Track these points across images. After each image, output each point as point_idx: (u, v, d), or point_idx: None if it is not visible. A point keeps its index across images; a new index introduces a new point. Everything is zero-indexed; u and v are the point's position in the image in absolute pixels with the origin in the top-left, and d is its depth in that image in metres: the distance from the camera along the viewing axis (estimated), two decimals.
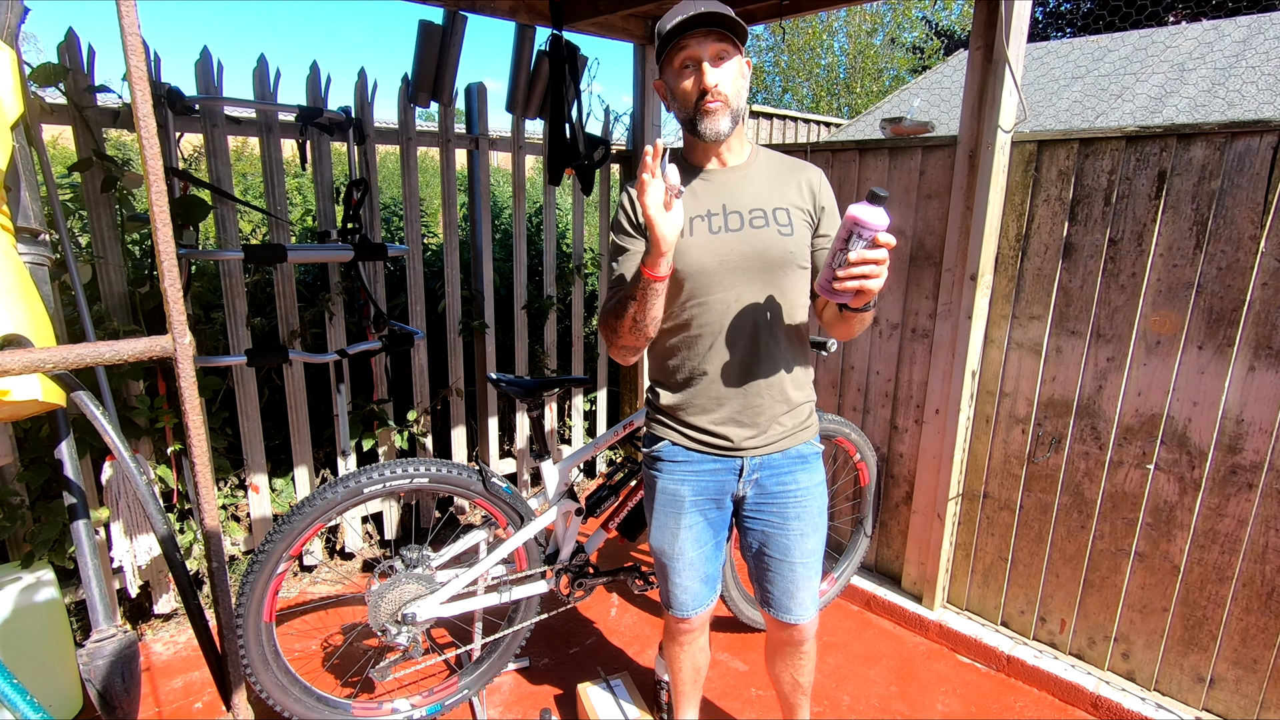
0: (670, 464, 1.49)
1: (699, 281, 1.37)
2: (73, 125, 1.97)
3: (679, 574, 1.53)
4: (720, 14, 1.25)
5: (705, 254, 1.36)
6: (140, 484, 0.88)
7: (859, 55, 16.05)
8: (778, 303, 1.39)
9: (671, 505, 1.50)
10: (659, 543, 1.54)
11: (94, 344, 0.55)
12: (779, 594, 1.51)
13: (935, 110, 7.22)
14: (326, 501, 1.70)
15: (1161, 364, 1.91)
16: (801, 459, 1.48)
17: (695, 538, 1.51)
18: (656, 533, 1.54)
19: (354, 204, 2.47)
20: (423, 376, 2.85)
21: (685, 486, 1.48)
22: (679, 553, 1.51)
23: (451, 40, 2.50)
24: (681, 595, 1.55)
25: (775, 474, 1.46)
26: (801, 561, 1.48)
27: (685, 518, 1.49)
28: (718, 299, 1.37)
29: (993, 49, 2.00)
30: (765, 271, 1.37)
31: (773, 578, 1.51)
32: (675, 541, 1.51)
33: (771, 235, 1.36)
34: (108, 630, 0.88)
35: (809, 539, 1.48)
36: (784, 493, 1.46)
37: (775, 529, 1.48)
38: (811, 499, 1.48)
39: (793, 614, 1.51)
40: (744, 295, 1.37)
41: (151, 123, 0.58)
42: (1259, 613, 1.84)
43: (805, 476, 1.47)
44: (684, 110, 1.34)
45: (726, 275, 1.36)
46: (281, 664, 1.76)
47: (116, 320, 2.08)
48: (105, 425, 0.92)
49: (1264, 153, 1.69)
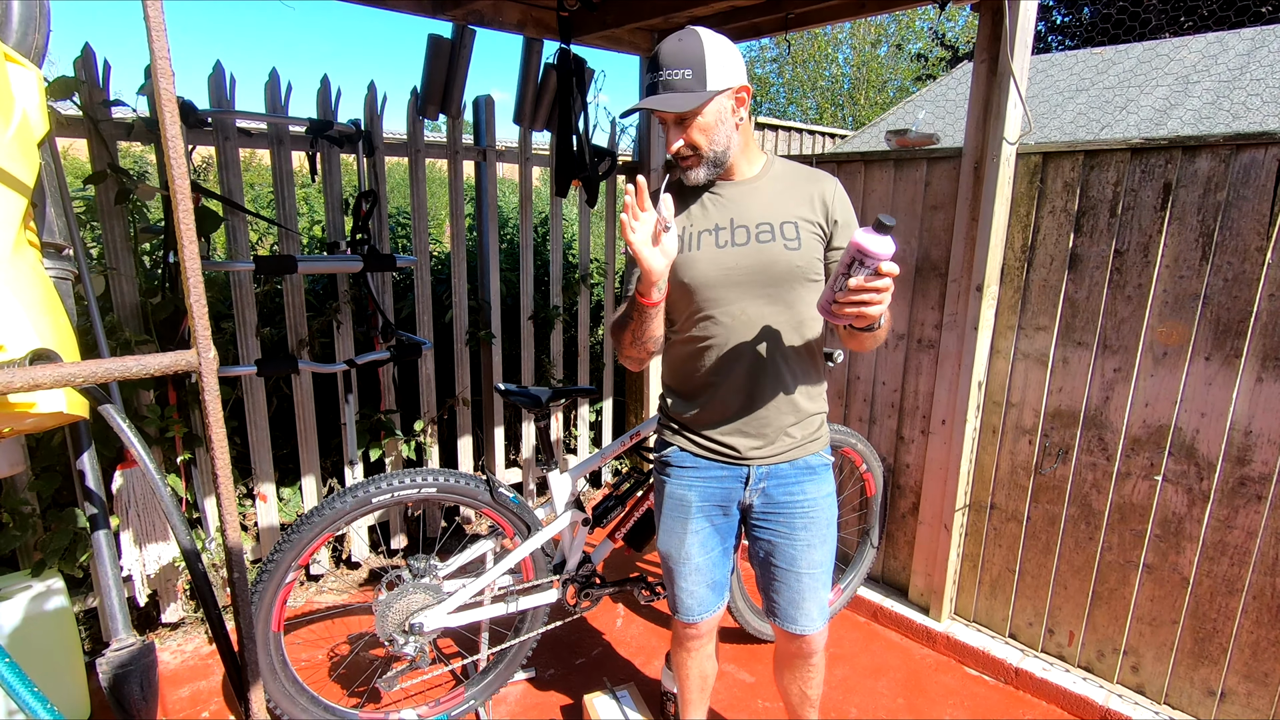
0: (678, 469, 1.51)
1: (706, 295, 1.39)
2: (88, 138, 1.99)
3: (685, 578, 1.55)
4: (659, 110, 1.29)
5: (711, 268, 1.38)
6: (166, 496, 0.89)
7: (863, 67, 16.14)
8: (786, 316, 1.40)
9: (679, 510, 1.52)
10: (666, 546, 1.56)
11: (122, 359, 0.56)
12: (785, 604, 1.51)
13: (940, 122, 7.25)
14: (335, 511, 1.71)
15: (1169, 375, 1.91)
16: (810, 470, 1.48)
17: (702, 543, 1.52)
18: (664, 536, 1.56)
19: (363, 215, 2.49)
20: (430, 386, 2.87)
21: (692, 492, 1.50)
22: (685, 557, 1.53)
23: (460, 53, 2.53)
24: (688, 600, 1.57)
25: (783, 484, 1.47)
26: (808, 572, 1.48)
27: (692, 523, 1.51)
28: (724, 312, 1.39)
29: (997, 61, 2.01)
30: (771, 285, 1.38)
31: (779, 587, 1.51)
32: (682, 546, 1.53)
33: (777, 249, 1.37)
34: (127, 639, 0.89)
35: (816, 550, 1.48)
36: (792, 503, 1.47)
37: (783, 539, 1.48)
38: (819, 510, 1.48)
39: (799, 624, 1.51)
40: (749, 309, 1.39)
41: (179, 143, 0.60)
42: (1270, 625, 1.83)
43: (813, 488, 1.48)
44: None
45: (732, 289, 1.38)
46: (289, 673, 1.77)
47: (129, 331, 2.10)
48: (132, 438, 0.94)
49: (1269, 165, 1.70)
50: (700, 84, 1.29)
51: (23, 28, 1.03)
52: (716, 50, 1.30)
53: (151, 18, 0.55)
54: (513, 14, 2.59)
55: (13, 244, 0.85)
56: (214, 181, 2.46)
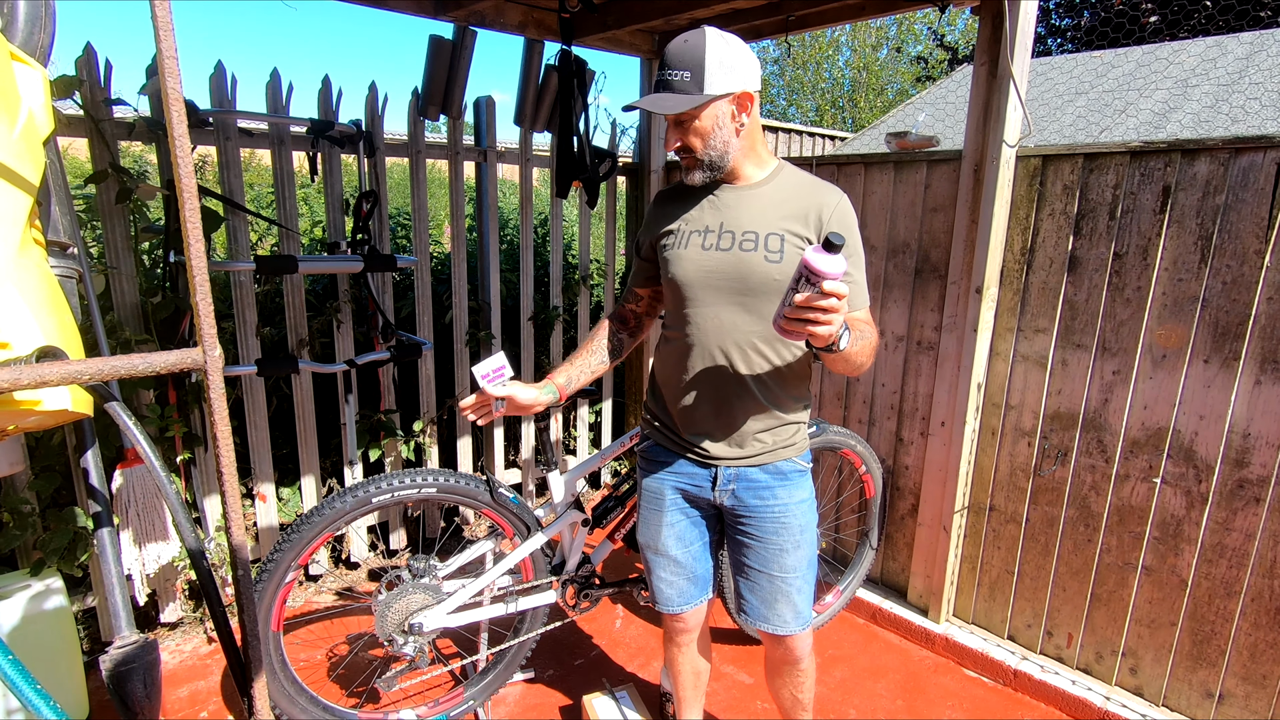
0: (655, 463, 1.56)
1: (686, 294, 1.42)
2: (89, 138, 2.00)
3: (662, 568, 1.59)
4: (654, 111, 1.32)
5: (693, 267, 1.40)
6: (171, 494, 0.89)
7: (863, 70, 16.17)
8: (759, 327, 1.39)
9: (655, 502, 1.56)
10: (644, 538, 1.60)
11: (128, 356, 0.56)
12: (757, 602, 1.52)
13: (940, 125, 7.26)
14: (335, 511, 1.71)
15: (1168, 378, 1.92)
16: (782, 475, 1.48)
17: (679, 535, 1.55)
18: (642, 528, 1.60)
19: (364, 216, 2.49)
20: (429, 387, 2.87)
21: (665, 485, 1.54)
22: (661, 548, 1.57)
23: (461, 54, 2.53)
24: (666, 590, 1.59)
25: (753, 488, 1.47)
26: (781, 576, 1.49)
27: (667, 515, 1.55)
28: (699, 313, 1.41)
29: (997, 64, 2.02)
30: (746, 294, 1.38)
31: (751, 587, 1.52)
32: (658, 538, 1.56)
33: (756, 260, 1.36)
34: (130, 636, 0.89)
35: (789, 555, 1.48)
36: (763, 508, 1.47)
37: (755, 541, 1.49)
38: (791, 515, 1.48)
39: (770, 624, 1.51)
40: (723, 314, 1.39)
41: (186, 143, 0.60)
42: (1268, 628, 1.83)
43: (785, 493, 1.48)
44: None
45: (709, 291, 1.40)
46: (289, 673, 1.77)
47: (129, 330, 2.10)
48: (139, 435, 0.94)
49: (1268, 168, 1.71)
50: (697, 87, 1.28)
51: (29, 27, 1.03)
52: (721, 53, 1.29)
53: (159, 17, 0.55)
54: (514, 15, 2.59)
55: (19, 242, 0.86)
56: (213, 181, 2.46)
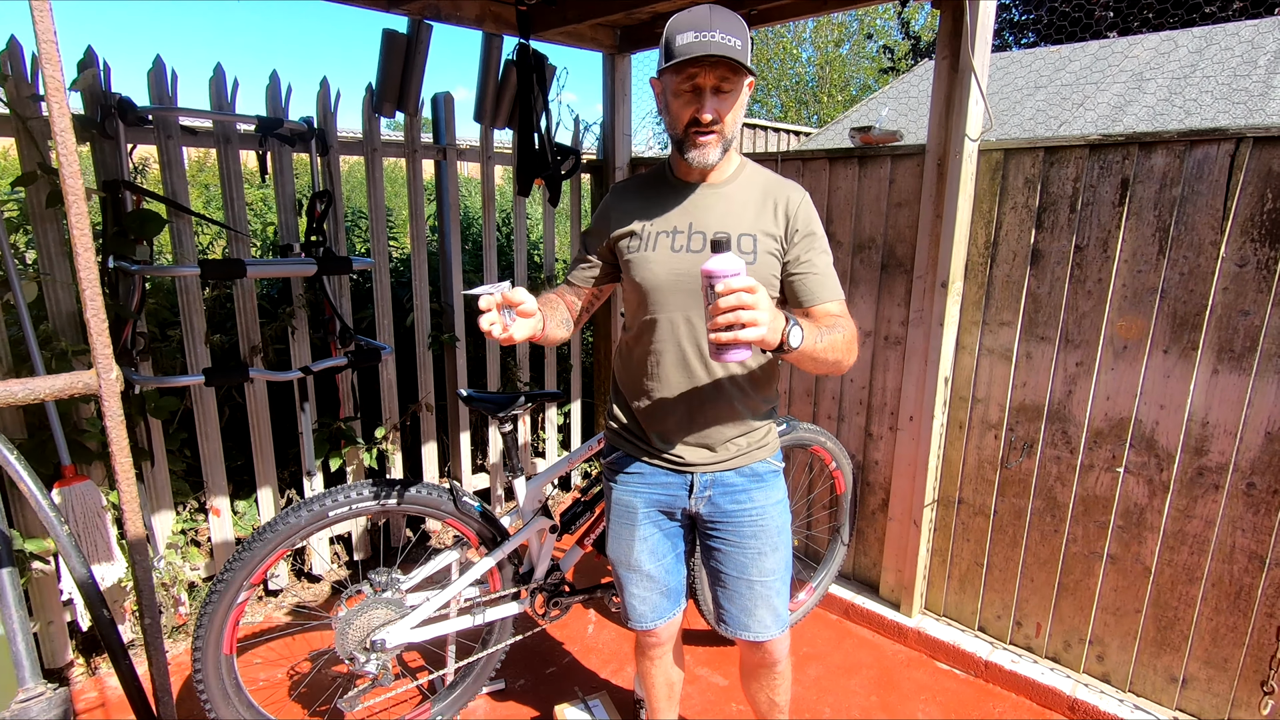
0: (625, 475, 1.49)
1: (654, 298, 1.36)
2: (16, 137, 1.88)
3: (635, 584, 1.53)
4: (731, 57, 1.18)
5: (662, 270, 1.34)
6: (60, 533, 0.80)
7: (826, 66, 16.28)
8: None
9: (625, 516, 1.49)
10: (614, 553, 1.54)
11: (6, 382, 0.50)
12: (736, 610, 1.48)
13: (903, 119, 7.33)
14: (290, 526, 1.64)
15: (1129, 368, 1.93)
16: (757, 477, 1.45)
17: (651, 550, 1.50)
18: (612, 543, 1.54)
19: (317, 216, 2.40)
20: (391, 392, 2.79)
21: (638, 498, 1.47)
22: (634, 564, 1.51)
23: (417, 49, 2.45)
24: (640, 606, 1.54)
25: (729, 492, 1.44)
26: (760, 580, 1.45)
27: (639, 529, 1.48)
28: (668, 317, 1.36)
29: (959, 58, 2.02)
30: None
31: (730, 595, 1.48)
32: (631, 553, 1.50)
33: None
34: (35, 689, 0.80)
35: (767, 558, 1.45)
36: (740, 511, 1.44)
37: (732, 547, 1.45)
38: (768, 518, 1.45)
39: (750, 631, 1.48)
40: (694, 317, 1.34)
41: (70, 138, 0.54)
42: (1228, 612, 1.86)
43: (761, 495, 1.45)
44: (674, 130, 1.30)
45: (679, 294, 1.34)
46: (244, 698, 1.69)
47: (65, 340, 1.99)
48: (20, 471, 0.81)
49: (1222, 160, 1.73)
50: (746, 58, 1.22)
51: None
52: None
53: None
54: (470, 8, 2.52)
55: None
56: (154, 181, 2.35)
